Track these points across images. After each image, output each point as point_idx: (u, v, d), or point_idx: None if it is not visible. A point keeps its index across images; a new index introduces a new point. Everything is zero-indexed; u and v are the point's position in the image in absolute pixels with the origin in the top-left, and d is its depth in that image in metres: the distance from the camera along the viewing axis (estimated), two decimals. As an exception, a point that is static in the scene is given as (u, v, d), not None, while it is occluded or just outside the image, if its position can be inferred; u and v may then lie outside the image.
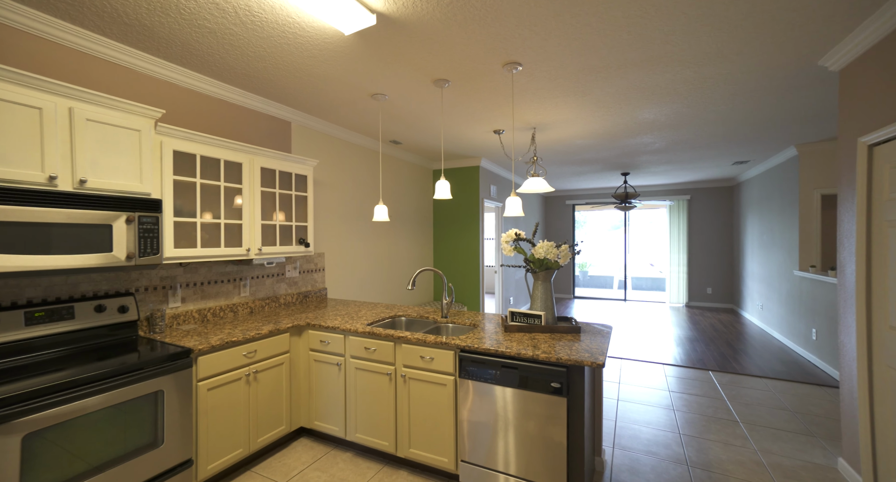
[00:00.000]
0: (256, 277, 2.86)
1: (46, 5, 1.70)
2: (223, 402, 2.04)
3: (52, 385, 1.44)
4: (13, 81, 1.52)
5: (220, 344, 2.01)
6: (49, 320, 1.80)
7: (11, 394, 1.34)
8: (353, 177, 3.89)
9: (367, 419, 2.29)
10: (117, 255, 1.80)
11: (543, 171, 5.46)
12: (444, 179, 2.62)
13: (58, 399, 1.45)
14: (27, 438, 1.37)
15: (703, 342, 4.87)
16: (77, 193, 1.67)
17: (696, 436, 2.57)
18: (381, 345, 2.22)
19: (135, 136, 1.90)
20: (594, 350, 1.84)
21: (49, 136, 1.61)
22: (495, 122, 3.47)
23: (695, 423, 2.74)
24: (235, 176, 2.45)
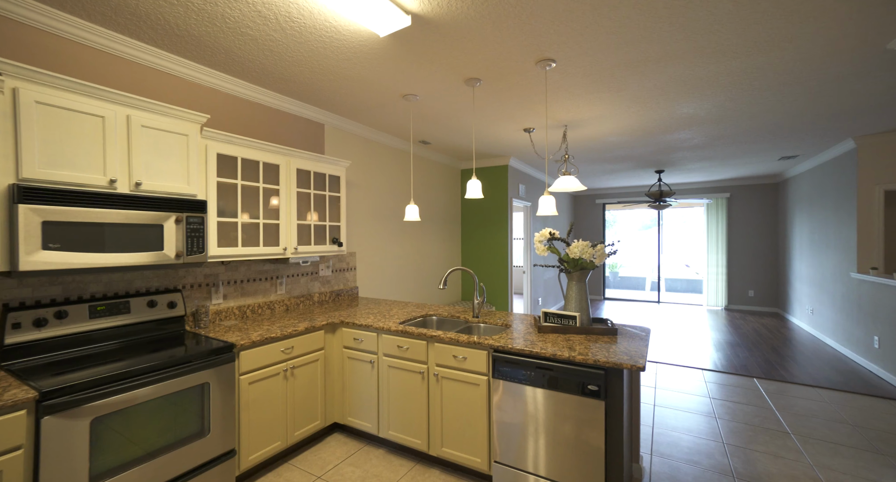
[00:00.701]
0: (292, 276, 2.95)
1: (111, 22, 1.82)
2: (263, 396, 2.11)
3: (117, 374, 1.53)
4: (82, 93, 1.63)
5: (260, 339, 2.09)
6: (109, 314, 1.92)
7: (83, 381, 1.44)
8: (384, 177, 3.94)
9: (399, 417, 2.30)
10: (167, 254, 1.90)
11: (575, 169, 5.33)
12: (476, 178, 2.61)
13: (121, 387, 1.54)
14: (94, 422, 1.47)
15: (746, 347, 4.61)
16: (133, 195, 1.77)
17: (742, 446, 2.44)
18: (414, 344, 2.23)
19: (183, 141, 1.99)
20: (633, 352, 1.77)
21: (110, 142, 1.72)
22: (526, 121, 3.42)
23: (740, 433, 2.59)
24: (273, 177, 2.53)
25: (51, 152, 1.56)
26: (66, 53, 1.85)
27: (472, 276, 2.26)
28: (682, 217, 11.46)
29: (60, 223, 1.55)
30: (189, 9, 1.73)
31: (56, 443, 1.37)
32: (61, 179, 1.59)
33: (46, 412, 1.35)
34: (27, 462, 1.33)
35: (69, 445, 1.40)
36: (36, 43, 1.76)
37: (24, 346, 1.66)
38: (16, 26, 1.70)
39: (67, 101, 1.60)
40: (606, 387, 1.70)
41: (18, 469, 1.30)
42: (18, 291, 1.71)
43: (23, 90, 1.50)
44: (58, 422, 1.38)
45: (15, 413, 1.29)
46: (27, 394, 1.32)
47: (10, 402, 1.28)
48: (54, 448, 1.37)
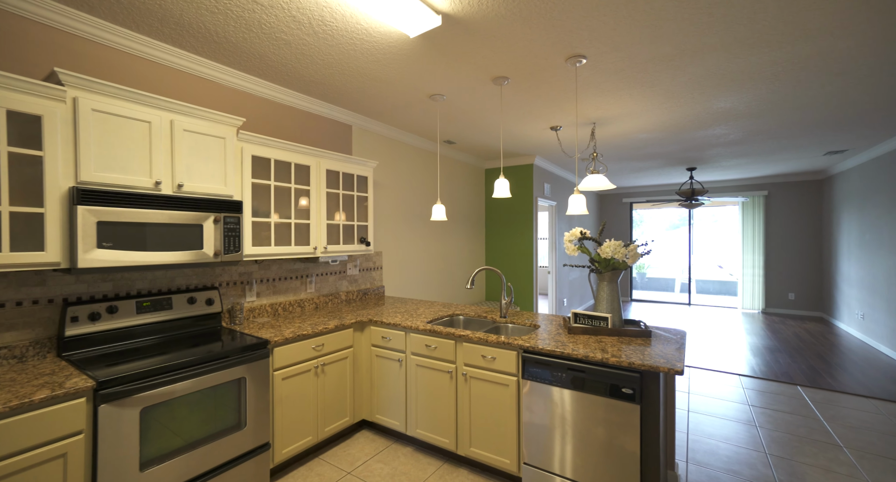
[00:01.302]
0: (321, 274, 3.02)
1: (158, 32, 1.92)
2: (295, 392, 2.17)
3: (163, 366, 1.61)
4: (131, 100, 1.73)
5: (292, 336, 2.14)
6: (154, 309, 2.02)
7: (134, 372, 1.52)
8: (409, 177, 3.97)
9: (427, 415, 2.32)
10: (206, 252, 1.98)
11: (604, 167, 5.20)
12: (504, 178, 2.59)
13: (167, 379, 1.62)
14: (143, 411, 1.55)
15: (787, 353, 4.37)
16: (176, 196, 1.85)
17: (787, 457, 2.31)
18: (442, 344, 2.24)
19: (220, 143, 2.08)
20: (669, 356, 1.71)
21: (155, 146, 1.81)
22: (553, 119, 3.37)
23: (784, 443, 2.46)
24: (304, 178, 2.60)
25: (104, 156, 1.66)
26: (117, 63, 1.96)
27: (499, 276, 2.25)
28: (714, 216, 11.00)
29: (112, 223, 1.65)
30: (228, 17, 1.80)
31: (111, 429, 1.45)
32: (113, 182, 1.68)
33: (103, 400, 1.44)
34: (87, 446, 1.42)
35: (122, 432, 1.48)
36: (89, 54, 1.87)
37: (80, 338, 1.77)
38: (72, 39, 1.81)
39: (119, 107, 1.70)
40: (642, 391, 1.65)
41: (80, 453, 1.39)
42: (76, 287, 1.83)
43: (81, 99, 1.60)
44: (113, 410, 1.46)
45: (77, 400, 1.38)
46: (86, 383, 1.41)
47: (73, 390, 1.36)
48: (110, 434, 1.45)
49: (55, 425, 1.33)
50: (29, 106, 1.48)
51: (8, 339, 1.64)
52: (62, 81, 1.55)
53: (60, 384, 1.40)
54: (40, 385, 1.39)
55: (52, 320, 1.75)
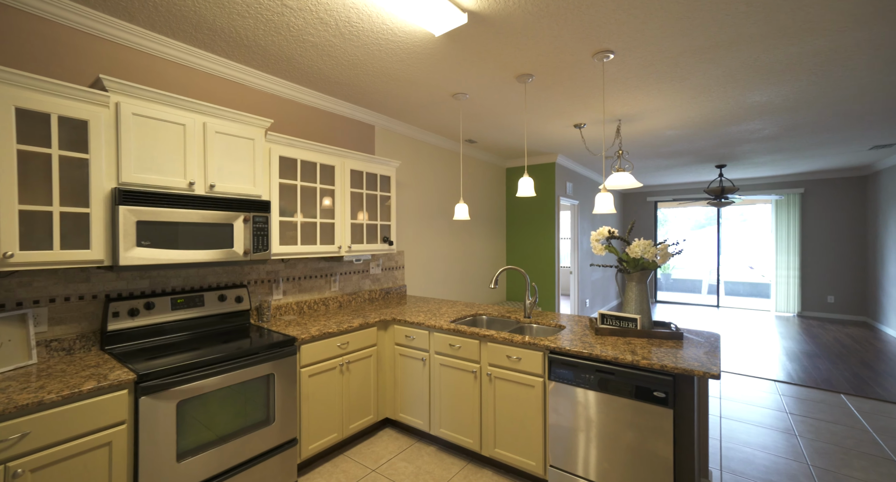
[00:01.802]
0: (344, 273, 3.06)
1: (192, 38, 1.99)
2: (321, 389, 2.21)
3: (198, 361, 1.66)
4: (167, 103, 1.80)
5: (319, 334, 2.18)
6: (187, 306, 2.10)
7: (172, 366, 1.58)
8: (430, 176, 3.98)
9: (451, 415, 2.31)
10: (237, 251, 2.03)
11: (630, 165, 5.07)
12: (528, 176, 2.55)
13: (202, 373, 1.67)
14: (179, 405, 1.60)
15: (828, 359, 4.14)
16: (208, 196, 1.91)
17: (833, 470, 2.18)
18: (467, 343, 2.23)
19: (249, 145, 2.13)
20: (704, 359, 1.65)
21: (189, 148, 1.88)
22: (577, 116, 3.30)
23: (829, 455, 2.33)
24: (329, 178, 2.63)
25: (142, 158, 1.73)
26: (153, 68, 2.04)
27: (523, 276, 2.22)
28: (743, 215, 10.56)
29: (150, 222, 1.71)
30: (258, 20, 1.84)
31: (151, 421, 1.51)
32: (150, 183, 1.75)
33: (143, 392, 1.50)
34: (130, 436, 1.48)
35: (161, 424, 1.54)
36: (128, 60, 1.95)
37: (120, 333, 1.85)
38: (113, 47, 1.90)
39: (156, 111, 1.77)
40: (675, 395, 1.59)
41: (123, 442, 1.45)
42: (116, 284, 1.91)
43: (123, 104, 1.67)
44: (152, 402, 1.52)
45: (119, 392, 1.44)
46: (128, 376, 1.47)
47: (116, 382, 1.42)
48: (149, 425, 1.51)
49: (101, 415, 1.40)
50: (77, 111, 1.55)
51: (58, 332, 1.73)
52: (106, 87, 1.63)
53: (105, 376, 1.46)
54: (87, 376, 1.46)
55: (95, 315, 1.84)
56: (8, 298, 1.61)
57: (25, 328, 1.60)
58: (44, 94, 1.47)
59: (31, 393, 1.30)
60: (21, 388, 1.34)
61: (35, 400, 1.26)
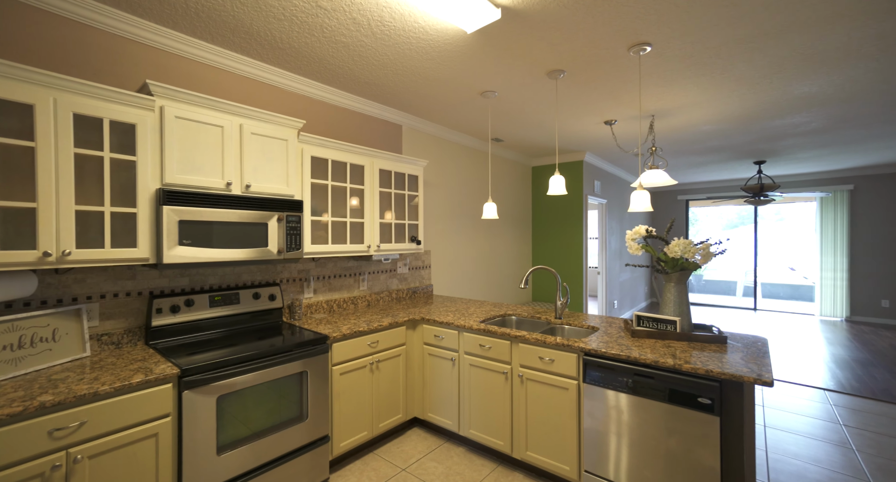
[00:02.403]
0: (372, 273, 3.08)
1: (228, 42, 2.05)
2: (351, 387, 2.23)
3: (237, 357, 1.71)
4: (207, 106, 1.85)
5: (350, 333, 2.20)
6: (224, 303, 2.16)
7: (212, 362, 1.62)
8: (456, 176, 3.97)
9: (481, 416, 2.28)
10: (271, 250, 2.08)
11: (664, 162, 4.88)
12: (559, 174, 2.50)
13: (240, 369, 1.71)
14: (219, 400, 1.65)
15: (885, 368, 3.86)
16: (244, 196, 1.96)
17: (893, 486, 2.03)
18: (497, 344, 2.20)
19: (283, 145, 2.17)
20: (752, 364, 1.56)
21: (227, 149, 1.93)
22: (608, 112, 3.21)
23: (894, 473, 2.15)
24: (358, 177, 2.66)
25: (183, 160, 1.79)
26: (192, 73, 2.11)
27: (553, 276, 2.17)
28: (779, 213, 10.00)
29: (190, 222, 1.77)
30: (293, 23, 1.88)
31: (193, 414, 1.56)
32: (191, 183, 1.81)
33: (186, 387, 1.54)
34: (174, 429, 1.53)
35: (202, 417, 1.59)
36: (169, 65, 2.03)
37: (163, 329, 1.93)
38: (156, 52, 1.97)
39: (196, 114, 1.83)
40: (722, 402, 1.51)
41: (168, 434, 1.50)
42: (159, 281, 1.99)
43: (167, 107, 1.73)
44: (194, 396, 1.57)
45: (165, 385, 1.50)
46: (172, 370, 1.52)
47: (162, 376, 1.48)
48: (192, 418, 1.56)
49: (148, 407, 1.45)
50: (126, 115, 1.62)
51: (108, 327, 1.81)
52: (151, 92, 1.69)
53: (151, 370, 1.52)
54: (135, 370, 1.52)
55: (140, 311, 1.92)
56: (65, 294, 1.70)
57: (80, 322, 1.69)
58: (97, 100, 1.54)
59: (87, 384, 1.37)
60: (78, 379, 1.41)
61: (91, 390, 1.32)
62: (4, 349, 1.44)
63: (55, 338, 1.59)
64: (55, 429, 1.25)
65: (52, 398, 1.25)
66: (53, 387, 1.34)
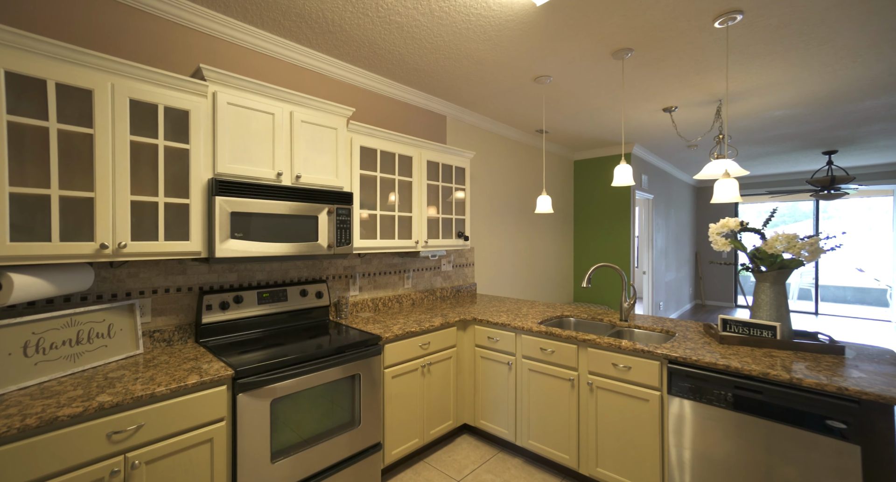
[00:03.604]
0: (417, 270, 2.94)
1: (279, 26, 1.95)
2: (403, 391, 2.09)
3: (292, 358, 1.60)
4: (258, 93, 1.76)
5: (402, 333, 2.06)
6: (272, 300, 2.07)
7: (267, 363, 1.52)
8: (499, 169, 3.78)
9: (541, 426, 2.10)
10: (321, 244, 1.97)
11: (734, 151, 4.45)
12: (625, 163, 2.27)
13: (295, 371, 1.61)
14: (273, 403, 1.54)
15: None
16: (295, 187, 1.86)
17: None
18: (562, 348, 2.00)
19: (332, 134, 2.06)
20: (893, 382, 1.30)
21: (277, 138, 1.83)
22: (670, 97, 2.94)
23: None
24: (406, 169, 2.52)
25: (235, 149, 1.70)
26: (242, 60, 2.03)
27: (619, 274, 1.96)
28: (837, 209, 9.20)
29: (241, 214, 1.68)
30: (348, 1, 1.75)
31: (248, 419, 1.46)
32: (242, 173, 1.72)
33: (240, 389, 1.44)
34: (228, 433, 1.43)
35: (256, 422, 1.49)
36: (220, 52, 1.95)
37: (213, 326, 1.85)
38: (207, 39, 1.90)
39: (248, 100, 1.73)
40: (862, 427, 1.26)
41: (223, 439, 1.41)
42: (208, 277, 1.92)
43: (219, 93, 1.64)
44: (249, 399, 1.46)
45: (219, 387, 1.40)
46: (226, 371, 1.42)
47: (217, 378, 1.38)
48: (247, 423, 1.46)
49: (204, 410, 1.36)
50: (180, 101, 1.54)
51: (160, 323, 1.75)
52: (205, 77, 1.61)
53: (205, 370, 1.43)
54: (189, 370, 1.43)
55: (190, 307, 1.85)
56: (119, 288, 1.64)
57: (133, 318, 1.63)
58: (153, 86, 1.47)
59: (143, 384, 1.29)
60: (134, 378, 1.33)
61: (147, 392, 1.23)
62: (64, 345, 1.38)
63: (110, 334, 1.53)
64: (114, 432, 1.17)
65: (110, 399, 1.17)
66: (111, 386, 1.27)
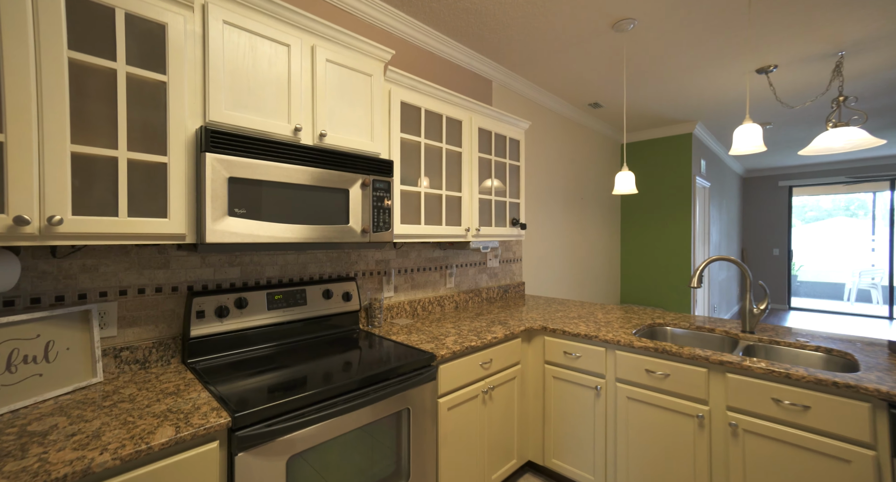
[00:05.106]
0: (461, 266, 2.41)
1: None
2: (461, 426, 1.56)
3: (317, 392, 1.08)
4: (268, 13, 1.25)
5: (460, 349, 1.53)
6: (286, 304, 1.55)
7: (278, 403, 1.00)
8: (546, 149, 3.23)
9: (645, 474, 1.55)
10: (353, 228, 1.44)
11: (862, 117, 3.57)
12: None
13: (324, 413, 1.09)
14: (290, 462, 1.02)
15: None
16: (317, 148, 1.33)
17: None
18: (681, 371, 1.45)
19: (366, 83, 1.53)
20: None
21: (294, 80, 1.31)
22: (774, 51, 2.35)
23: None
24: (455, 137, 1.99)
25: (235, 89, 1.18)
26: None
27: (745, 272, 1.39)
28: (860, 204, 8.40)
29: (245, 181, 1.16)
30: None
31: (251, 495, 0.94)
32: (246, 125, 1.20)
33: (240, 445, 0.93)
34: (220, 530, 0.91)
35: (265, 498, 0.96)
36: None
37: (206, 340, 1.34)
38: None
39: (253, 23, 1.21)
40: None
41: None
42: (201, 272, 1.40)
43: (212, 5, 1.13)
44: (254, 461, 0.94)
45: (207, 445, 0.88)
46: (220, 419, 0.90)
47: (203, 431, 0.86)
48: (250, 504, 0.94)
49: (179, 490, 0.84)
50: (153, 9, 1.03)
51: (131, 338, 1.24)
52: (188, -25, 1.09)
53: (186, 416, 0.91)
54: (162, 415, 0.92)
55: (175, 314, 1.34)
56: (68, 288, 1.14)
57: (88, 331, 1.12)
58: (102, -29, 0.95)
59: (77, 448, 0.77)
60: (67, 436, 0.82)
61: (77, 467, 0.71)
62: (-42, 378, 0.88)
63: (48, 356, 1.02)
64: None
65: (3, 487, 0.66)
66: (20, 452, 0.76)
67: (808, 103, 2.43)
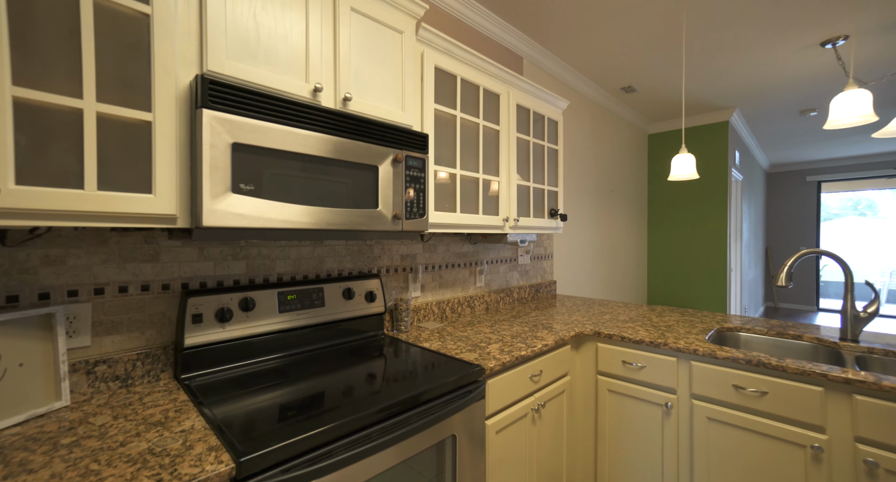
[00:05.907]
0: (492, 262, 2.15)
1: None
2: (510, 452, 1.30)
3: (343, 424, 0.82)
4: (278, -74, 0.98)
5: (510, 360, 1.26)
6: (300, 306, 1.29)
7: (300, 438, 0.74)
8: (576, 136, 2.97)
9: (736, 515, 1.28)
10: (383, 213, 1.18)
11: None
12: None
13: (354, 451, 0.83)
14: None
15: None
16: (341, 114, 1.07)
17: None
18: (787, 388, 1.18)
19: (396, 40, 1.27)
20: None
21: (314, 30, 1.05)
22: (847, 19, 2.06)
23: None
24: (492, 113, 1.72)
25: (241, 35, 0.93)
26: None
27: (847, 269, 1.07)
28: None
29: (253, 150, 0.90)
30: None
31: None
32: (254, 79, 0.94)
33: (247, 509, 0.67)
34: None
35: None
36: None
37: (204, 351, 1.08)
38: None
39: (263, -51, 0.96)
40: None
41: None
42: (199, 266, 1.15)
43: (206, -86, 0.87)
44: (265, 528, 0.68)
45: (198, 521, 0.62)
46: (218, 467, 0.64)
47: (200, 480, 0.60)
48: None
49: None
50: None
51: (109, 348, 0.99)
52: None
53: (173, 461, 0.65)
54: (140, 459, 0.66)
55: (166, 318, 1.08)
56: (24, 286, 0.88)
57: (51, 341, 0.87)
58: None
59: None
60: (-14, 508, 0.56)
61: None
62: None
63: (-8, 376, 0.77)
64: None
65: None
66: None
67: (882, 79, 2.14)
